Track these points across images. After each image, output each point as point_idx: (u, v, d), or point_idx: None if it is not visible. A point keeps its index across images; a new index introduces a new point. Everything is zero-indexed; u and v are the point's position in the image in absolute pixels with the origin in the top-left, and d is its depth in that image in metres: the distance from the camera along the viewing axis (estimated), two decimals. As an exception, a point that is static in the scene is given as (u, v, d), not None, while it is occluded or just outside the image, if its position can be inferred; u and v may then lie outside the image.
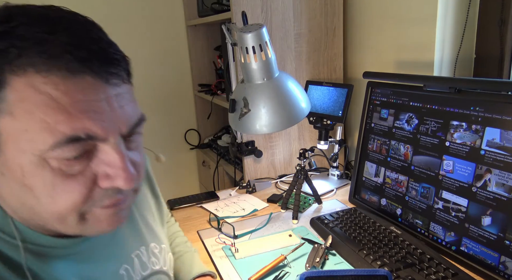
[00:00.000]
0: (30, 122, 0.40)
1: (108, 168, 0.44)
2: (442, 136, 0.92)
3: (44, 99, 0.40)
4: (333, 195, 1.30)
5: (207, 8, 1.60)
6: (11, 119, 0.40)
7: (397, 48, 1.25)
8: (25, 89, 0.39)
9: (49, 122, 0.40)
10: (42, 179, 0.42)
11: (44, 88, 0.40)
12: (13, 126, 0.40)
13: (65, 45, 0.40)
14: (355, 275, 0.68)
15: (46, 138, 0.40)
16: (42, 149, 0.40)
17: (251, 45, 0.92)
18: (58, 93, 0.40)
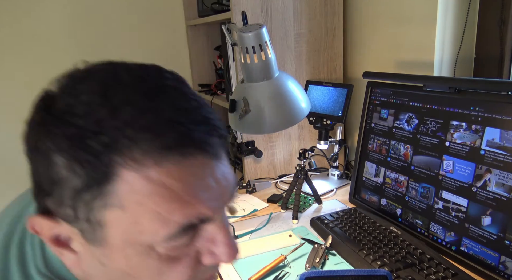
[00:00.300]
0: (141, 214, 0.36)
1: (213, 245, 0.41)
2: (442, 136, 0.92)
3: (157, 188, 0.36)
4: (333, 195, 1.30)
5: (207, 8, 1.60)
6: (121, 212, 0.36)
7: (397, 48, 1.25)
8: (137, 180, 0.35)
9: (161, 213, 0.36)
10: (148, 267, 0.39)
11: (158, 177, 0.36)
12: (121, 218, 0.37)
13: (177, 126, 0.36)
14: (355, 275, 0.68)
15: (158, 229, 0.37)
16: (152, 240, 0.37)
17: (251, 45, 0.92)
18: (171, 180, 0.36)
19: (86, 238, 0.38)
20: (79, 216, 0.37)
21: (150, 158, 0.35)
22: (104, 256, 0.39)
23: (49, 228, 0.39)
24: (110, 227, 0.37)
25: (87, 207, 0.36)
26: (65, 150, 0.35)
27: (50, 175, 0.36)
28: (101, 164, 0.35)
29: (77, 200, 0.36)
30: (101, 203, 0.36)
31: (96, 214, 0.37)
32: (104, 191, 0.35)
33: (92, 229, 0.37)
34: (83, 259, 0.40)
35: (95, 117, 0.35)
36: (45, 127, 0.36)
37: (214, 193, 0.39)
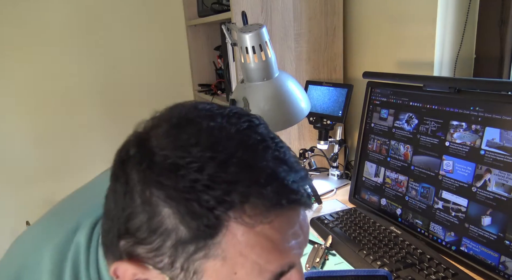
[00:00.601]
0: (241, 264, 0.37)
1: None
2: (442, 136, 0.92)
3: (261, 240, 0.37)
4: (333, 195, 1.30)
5: (207, 8, 1.60)
6: (221, 263, 0.37)
7: (397, 48, 1.25)
8: (244, 233, 0.36)
9: (261, 264, 0.38)
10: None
11: (262, 229, 0.37)
12: (221, 270, 0.37)
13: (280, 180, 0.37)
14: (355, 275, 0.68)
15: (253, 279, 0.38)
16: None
17: (251, 45, 0.92)
18: (272, 232, 0.37)
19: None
20: (176, 265, 0.37)
21: (258, 213, 0.36)
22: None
23: (133, 273, 0.39)
24: (207, 277, 0.38)
25: (188, 257, 0.37)
26: (176, 202, 0.35)
27: (151, 225, 0.37)
28: (213, 218, 0.35)
29: (179, 250, 0.37)
30: (204, 254, 0.37)
31: (196, 264, 0.37)
32: (209, 244, 0.36)
33: (186, 277, 0.38)
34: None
35: (208, 173, 0.35)
36: (151, 177, 0.36)
37: (299, 240, 0.40)
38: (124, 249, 0.40)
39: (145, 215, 0.37)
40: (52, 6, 1.65)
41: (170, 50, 1.90)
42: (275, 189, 0.37)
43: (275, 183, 0.37)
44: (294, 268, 0.41)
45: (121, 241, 0.40)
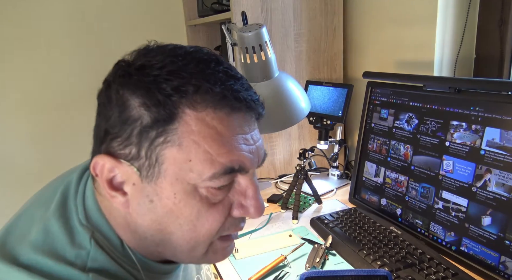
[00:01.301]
0: (195, 153, 0.43)
1: (243, 198, 0.48)
2: (442, 136, 0.92)
3: (211, 132, 0.43)
4: (333, 195, 1.30)
5: (207, 8, 1.60)
6: (178, 150, 0.43)
7: (397, 48, 1.25)
8: (196, 123, 0.43)
9: (212, 154, 0.43)
10: (190, 206, 0.45)
11: (212, 122, 0.43)
12: (178, 156, 0.43)
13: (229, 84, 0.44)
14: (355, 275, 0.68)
15: (206, 168, 0.43)
16: (200, 178, 0.44)
17: (251, 45, 0.92)
18: (222, 127, 0.43)
19: (142, 176, 0.44)
20: (141, 153, 0.44)
21: (208, 104, 0.43)
22: (154, 193, 0.45)
23: (109, 169, 0.45)
24: (167, 163, 0.43)
25: (150, 144, 0.43)
26: (141, 92, 0.42)
27: (122, 117, 0.43)
28: (170, 103, 0.42)
29: (143, 137, 0.43)
30: (163, 140, 0.43)
31: (157, 151, 0.43)
32: (167, 129, 0.42)
33: (150, 165, 0.44)
34: (132, 199, 0.46)
35: (167, 69, 0.43)
36: (125, 78, 0.44)
37: (252, 149, 0.46)
38: (103, 149, 0.46)
39: (117, 110, 0.44)
40: (52, 6, 1.65)
41: (170, 50, 1.90)
42: (223, 88, 0.44)
43: (224, 85, 0.44)
44: (246, 175, 0.47)
45: (102, 145, 0.46)
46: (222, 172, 0.44)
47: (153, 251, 0.50)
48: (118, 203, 0.46)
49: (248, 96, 0.46)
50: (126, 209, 0.46)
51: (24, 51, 1.66)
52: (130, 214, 0.47)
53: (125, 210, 0.47)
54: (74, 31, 1.70)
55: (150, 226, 0.47)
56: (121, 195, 0.46)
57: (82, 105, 1.61)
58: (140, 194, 0.45)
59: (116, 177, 0.46)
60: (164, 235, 0.47)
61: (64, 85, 1.73)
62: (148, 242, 0.48)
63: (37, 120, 1.72)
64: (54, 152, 1.76)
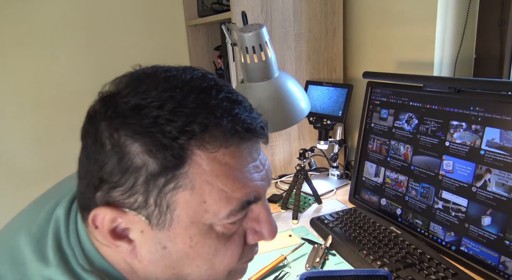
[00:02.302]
0: (209, 193, 0.41)
1: (256, 224, 0.46)
2: (442, 136, 0.92)
3: (224, 169, 0.41)
4: (333, 195, 1.30)
5: (207, 8, 1.60)
6: (190, 193, 0.40)
7: (397, 48, 1.25)
8: (208, 162, 0.40)
9: (227, 192, 0.41)
10: (208, 246, 0.43)
11: (224, 159, 0.41)
12: (191, 199, 0.41)
13: (235, 113, 0.42)
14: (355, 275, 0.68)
15: (222, 207, 0.41)
16: (217, 218, 0.42)
17: (251, 45, 0.92)
18: (234, 161, 0.41)
19: (151, 223, 0.41)
20: (149, 201, 0.40)
21: (218, 141, 0.40)
22: (167, 239, 0.42)
23: (111, 219, 0.42)
24: (179, 209, 0.41)
25: (159, 191, 0.40)
26: (142, 137, 0.39)
27: (122, 165, 0.39)
28: (178, 147, 0.39)
29: (151, 185, 0.40)
30: (173, 186, 0.40)
31: (168, 197, 0.40)
32: (177, 174, 0.40)
33: (161, 212, 0.41)
34: (141, 246, 0.43)
35: (168, 108, 0.39)
36: (118, 120, 0.39)
37: (263, 175, 0.45)
38: (100, 199, 0.42)
39: (115, 157, 0.39)
40: (52, 6, 1.65)
41: (170, 50, 1.90)
42: (231, 120, 0.41)
43: (230, 116, 0.41)
44: (260, 201, 0.46)
45: (97, 194, 0.42)
46: (239, 208, 0.42)
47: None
48: (124, 252, 0.43)
49: (257, 124, 0.44)
50: (134, 257, 0.44)
51: (24, 51, 1.66)
52: (140, 261, 0.44)
53: (133, 259, 0.44)
54: (74, 31, 1.70)
55: (164, 272, 0.45)
56: (126, 243, 0.43)
57: (83, 106, 1.61)
58: (152, 241, 0.42)
59: (119, 225, 0.42)
60: (180, 277, 0.45)
61: (65, 86, 1.73)
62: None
63: (37, 120, 1.72)
64: (54, 152, 1.76)
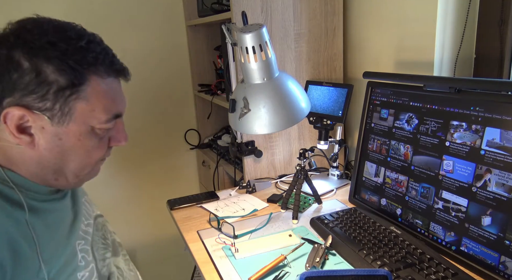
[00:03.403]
0: (97, 105, 0.65)
1: (117, 133, 0.72)
2: (442, 136, 0.92)
3: (107, 91, 0.66)
4: (333, 195, 1.30)
5: (207, 8, 1.60)
6: (85, 103, 0.63)
7: (397, 48, 1.25)
8: (97, 84, 0.64)
9: (107, 106, 0.66)
10: (89, 140, 0.67)
11: (107, 84, 0.66)
12: (85, 108, 0.64)
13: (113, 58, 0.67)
14: (355, 275, 0.69)
15: (103, 116, 0.66)
16: (97, 122, 0.66)
17: (251, 45, 0.92)
18: (109, 88, 0.66)
19: (53, 122, 0.62)
20: (55, 106, 0.61)
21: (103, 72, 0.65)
22: (63, 133, 0.64)
23: (20, 117, 0.61)
24: (76, 113, 0.63)
25: (65, 100, 0.62)
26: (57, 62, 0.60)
27: (38, 79, 0.59)
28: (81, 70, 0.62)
29: (59, 95, 0.61)
30: (75, 97, 0.62)
31: (70, 104, 0.62)
32: (79, 89, 0.62)
33: (63, 114, 0.62)
34: (40, 138, 0.63)
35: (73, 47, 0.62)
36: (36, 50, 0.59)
37: (124, 100, 0.71)
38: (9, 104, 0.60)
39: (33, 73, 0.59)
40: (52, 6, 1.65)
41: (170, 50, 1.90)
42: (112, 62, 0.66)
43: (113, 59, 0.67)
44: (119, 119, 0.71)
45: (5, 100, 0.60)
46: (112, 118, 0.67)
47: (49, 179, 0.67)
48: (25, 143, 0.63)
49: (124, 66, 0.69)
50: (31, 146, 0.63)
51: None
52: (35, 149, 0.64)
53: (30, 147, 0.63)
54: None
55: (55, 156, 0.65)
56: (28, 136, 0.62)
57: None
58: (50, 135, 0.63)
59: (24, 123, 0.61)
60: (64, 163, 0.66)
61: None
62: (47, 170, 0.66)
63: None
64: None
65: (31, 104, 0.60)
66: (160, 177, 2.03)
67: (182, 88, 1.98)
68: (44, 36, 0.60)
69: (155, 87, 1.91)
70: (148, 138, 1.96)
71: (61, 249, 0.68)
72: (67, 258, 0.69)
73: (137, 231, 2.05)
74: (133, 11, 1.79)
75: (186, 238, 1.07)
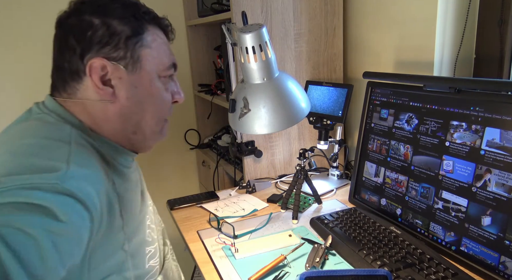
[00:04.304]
0: (159, 52, 0.72)
1: (175, 87, 0.79)
2: (442, 137, 0.92)
3: (162, 40, 0.74)
4: (333, 195, 1.30)
5: (207, 8, 1.60)
6: (149, 50, 0.71)
7: (397, 48, 1.25)
8: (154, 33, 0.73)
9: (166, 52, 0.74)
10: (158, 87, 0.73)
11: (160, 35, 0.74)
12: (150, 54, 0.71)
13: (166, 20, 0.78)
14: (355, 275, 0.68)
15: (166, 62, 0.74)
16: (162, 69, 0.73)
17: (251, 45, 0.92)
18: (164, 40, 0.75)
19: (127, 70, 0.69)
20: (127, 55, 0.68)
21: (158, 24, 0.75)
22: (137, 80, 0.70)
23: (102, 66, 0.67)
24: (144, 60, 0.70)
25: (133, 47, 0.69)
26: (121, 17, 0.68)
27: (110, 31, 0.67)
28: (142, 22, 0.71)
29: (128, 43, 0.68)
30: (140, 44, 0.70)
31: (138, 52, 0.69)
32: (142, 38, 0.70)
33: (134, 62, 0.69)
34: (120, 89, 0.69)
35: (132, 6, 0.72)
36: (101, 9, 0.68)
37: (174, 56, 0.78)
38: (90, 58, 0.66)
39: (104, 27, 0.67)
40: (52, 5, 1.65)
41: (170, 50, 1.90)
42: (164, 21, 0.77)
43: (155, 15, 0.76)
44: (175, 75, 0.78)
45: (86, 57, 0.67)
46: (172, 65, 0.75)
47: (127, 133, 0.73)
48: (108, 95, 0.69)
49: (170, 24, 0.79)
50: (113, 98, 0.69)
51: (25, 50, 1.66)
52: (115, 102, 0.70)
53: (112, 99, 0.69)
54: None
55: (135, 105, 0.71)
56: (109, 87, 0.68)
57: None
58: (128, 84, 0.70)
59: (105, 75, 0.68)
60: (143, 113, 0.73)
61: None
62: (128, 123, 0.72)
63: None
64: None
65: (108, 55, 0.67)
66: (160, 177, 2.03)
67: (182, 88, 1.97)
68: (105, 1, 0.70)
69: (155, 87, 1.91)
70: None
71: (135, 217, 0.75)
72: (139, 227, 0.76)
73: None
74: (133, 11, 1.79)
75: (186, 238, 1.07)
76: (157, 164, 2.01)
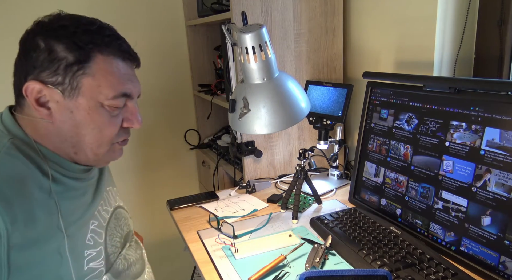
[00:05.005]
0: (103, 82, 0.71)
1: (130, 115, 0.77)
2: (442, 137, 0.92)
3: (113, 70, 0.72)
4: (333, 195, 1.30)
5: (207, 8, 1.60)
6: (92, 79, 0.71)
7: (397, 48, 1.25)
8: (103, 63, 0.71)
9: (113, 83, 0.72)
10: (99, 115, 0.73)
11: (112, 63, 0.72)
12: (91, 83, 0.71)
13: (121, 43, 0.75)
14: (355, 275, 0.69)
15: (109, 92, 0.72)
16: (105, 98, 0.72)
17: (251, 45, 0.92)
18: (117, 68, 0.73)
19: (64, 95, 0.70)
20: (65, 81, 0.69)
21: (110, 52, 0.72)
22: (74, 106, 0.71)
23: (38, 90, 0.69)
24: (84, 87, 0.70)
25: (73, 74, 0.69)
26: (66, 41, 0.69)
27: (51, 56, 0.68)
28: (87, 49, 0.70)
29: (68, 70, 0.69)
30: (82, 72, 0.70)
31: (77, 79, 0.70)
32: (85, 66, 0.70)
33: (72, 88, 0.70)
34: (55, 111, 0.71)
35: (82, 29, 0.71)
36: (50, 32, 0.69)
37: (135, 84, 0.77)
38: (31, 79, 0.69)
39: (46, 52, 0.68)
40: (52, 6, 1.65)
41: (170, 50, 1.90)
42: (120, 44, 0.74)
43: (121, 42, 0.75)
44: (132, 101, 0.77)
45: (28, 78, 0.69)
46: (119, 95, 0.73)
47: (69, 152, 0.75)
48: (44, 115, 0.71)
49: (133, 52, 0.76)
50: (50, 118, 0.71)
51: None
52: (53, 122, 0.71)
53: (48, 119, 0.71)
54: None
55: (70, 129, 0.72)
56: (46, 109, 0.71)
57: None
58: (63, 108, 0.71)
59: (42, 97, 0.70)
60: (79, 137, 0.73)
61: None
62: (67, 143, 0.73)
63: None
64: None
65: (46, 79, 0.69)
66: (160, 177, 2.03)
67: (182, 88, 1.98)
68: (59, 21, 0.71)
69: (155, 87, 1.91)
70: (148, 137, 1.96)
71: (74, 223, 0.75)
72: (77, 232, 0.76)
73: (137, 231, 2.05)
74: (133, 11, 1.79)
75: (186, 238, 1.07)
76: (157, 164, 2.01)
